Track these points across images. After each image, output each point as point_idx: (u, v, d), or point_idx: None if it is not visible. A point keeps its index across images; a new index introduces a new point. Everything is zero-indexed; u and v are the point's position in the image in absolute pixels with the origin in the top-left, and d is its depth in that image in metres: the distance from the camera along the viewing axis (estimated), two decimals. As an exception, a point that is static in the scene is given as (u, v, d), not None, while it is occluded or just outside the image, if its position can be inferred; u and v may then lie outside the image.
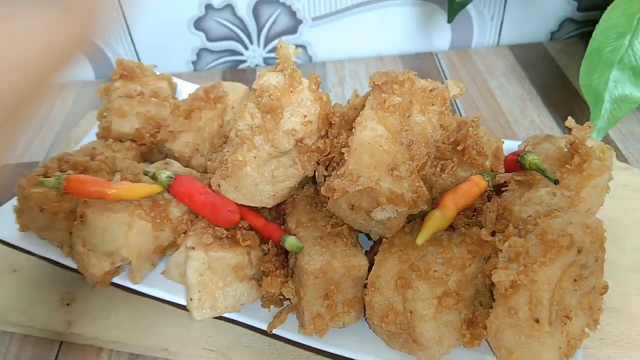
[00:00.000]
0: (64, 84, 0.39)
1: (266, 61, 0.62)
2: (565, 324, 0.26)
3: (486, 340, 0.27)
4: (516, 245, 0.26)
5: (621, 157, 0.47)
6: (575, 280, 0.26)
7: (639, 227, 0.39)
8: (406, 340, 0.28)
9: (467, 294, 0.27)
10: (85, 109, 0.58)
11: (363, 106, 0.31)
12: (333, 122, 0.32)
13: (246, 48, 0.61)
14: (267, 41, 0.60)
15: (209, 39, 0.60)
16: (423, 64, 0.61)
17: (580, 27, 0.62)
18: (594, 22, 0.48)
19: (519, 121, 0.51)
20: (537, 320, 0.24)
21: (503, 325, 0.26)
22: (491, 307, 0.26)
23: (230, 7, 0.57)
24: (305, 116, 0.30)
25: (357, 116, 0.31)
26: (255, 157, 0.30)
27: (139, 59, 0.61)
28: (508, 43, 0.63)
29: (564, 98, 0.53)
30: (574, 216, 0.27)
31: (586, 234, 0.26)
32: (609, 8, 0.46)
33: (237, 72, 0.62)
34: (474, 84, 0.57)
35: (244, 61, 0.62)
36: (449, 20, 0.53)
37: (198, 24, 0.59)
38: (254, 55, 0.62)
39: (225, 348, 0.34)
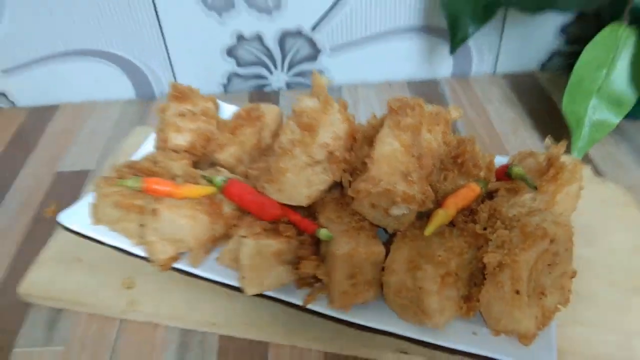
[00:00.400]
0: (110, 102, 0.47)
1: (288, 85, 0.70)
2: (540, 298, 0.33)
3: (479, 312, 0.34)
4: (502, 236, 0.33)
5: (599, 173, 0.54)
6: (549, 265, 0.33)
7: (611, 232, 0.46)
8: (415, 312, 0.35)
9: (464, 275, 0.34)
10: (128, 124, 0.66)
11: (381, 125, 0.39)
12: (357, 138, 0.39)
13: (271, 73, 0.69)
14: (290, 67, 0.68)
15: (239, 65, 0.68)
16: (427, 89, 0.68)
17: (567, 59, 0.70)
18: (578, 55, 0.55)
19: (511, 141, 0.59)
20: (517, 292, 0.31)
21: (492, 297, 0.32)
22: (483, 285, 0.33)
23: (259, 37, 0.65)
24: (335, 133, 0.38)
25: (375, 134, 0.39)
26: (294, 165, 0.38)
27: (175, 77, 0.69)
28: (503, 72, 0.71)
29: (551, 122, 0.60)
30: (548, 215, 0.34)
31: (557, 228, 0.33)
32: (589, 45, 0.54)
33: (262, 93, 0.70)
34: (473, 108, 0.65)
35: (268, 84, 0.70)
36: (451, 53, 0.61)
37: (230, 52, 0.66)
38: (277, 79, 0.69)
39: (263, 323, 0.41)
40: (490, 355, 0.33)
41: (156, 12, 0.62)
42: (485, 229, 0.35)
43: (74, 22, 0.63)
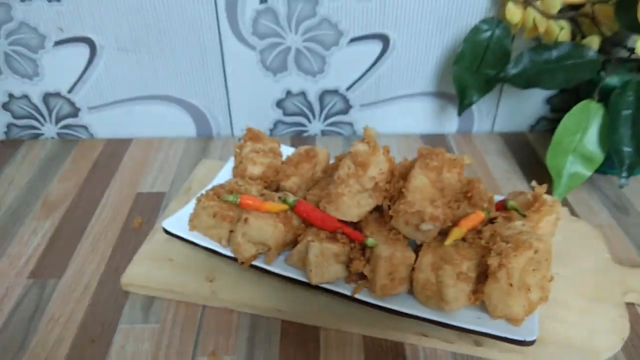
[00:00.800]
0: (175, 139, 0.62)
1: (323, 132, 0.84)
2: (527, 293, 0.46)
3: (483, 302, 0.47)
4: (501, 246, 0.46)
5: (574, 214, 0.68)
6: (533, 269, 0.46)
7: (581, 257, 0.59)
8: (436, 301, 0.47)
9: (473, 274, 0.47)
10: (191, 157, 0.79)
11: (412, 166, 0.52)
12: (394, 174, 0.53)
13: (310, 122, 0.83)
14: (326, 118, 0.83)
15: (285, 114, 0.83)
16: (437, 142, 0.83)
17: (551, 124, 0.85)
18: (559, 121, 0.68)
19: (505, 186, 0.72)
20: (510, 285, 0.44)
21: (492, 289, 0.45)
22: (486, 281, 0.46)
23: (303, 93, 0.80)
24: (380, 170, 0.52)
25: (407, 172, 0.53)
26: (349, 192, 0.51)
27: (232, 124, 0.84)
28: (499, 131, 0.84)
29: (536, 172, 0.74)
30: (533, 235, 0.47)
31: (540, 243, 0.46)
32: (567, 115, 0.67)
33: (301, 138, 0.84)
34: (474, 158, 0.79)
35: (306, 131, 0.85)
36: (459, 115, 0.75)
37: (279, 103, 0.81)
38: (314, 127, 0.84)
39: (316, 311, 0.53)
40: (490, 332, 0.46)
41: (224, 70, 0.77)
42: (487, 243, 0.49)
43: (155, 72, 0.77)
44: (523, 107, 0.82)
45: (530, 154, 0.79)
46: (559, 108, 0.82)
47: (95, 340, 0.51)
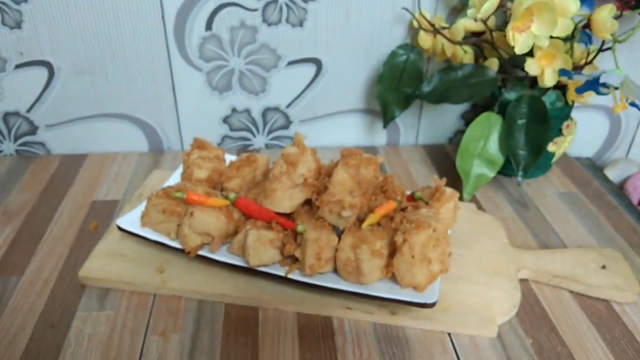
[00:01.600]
0: (128, 153, 0.71)
1: (267, 145, 0.93)
2: (428, 265, 0.55)
3: (394, 274, 0.56)
4: (405, 226, 0.55)
5: (481, 209, 0.79)
6: (433, 245, 0.56)
7: (483, 242, 0.67)
8: (356, 275, 0.56)
9: (385, 252, 0.56)
10: (144, 169, 0.86)
11: (336, 165, 0.62)
12: (321, 172, 0.62)
13: (254, 136, 0.92)
14: (269, 132, 0.92)
15: (231, 130, 0.91)
16: (368, 153, 0.93)
17: (467, 136, 0.96)
18: None
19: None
20: (413, 257, 0.53)
21: (399, 262, 0.54)
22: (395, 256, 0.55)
23: (247, 111, 0.89)
24: (308, 168, 0.60)
25: (332, 170, 0.62)
26: (282, 187, 0.60)
27: (182, 139, 0.91)
28: (422, 143, 0.95)
29: (451, 176, 0.84)
30: (433, 217, 0.57)
31: (438, 224, 0.55)
32: (471, 124, 0.77)
33: (247, 152, 0.92)
34: (400, 166, 0.89)
35: (251, 144, 0.93)
36: (384, 127, 0.86)
37: (225, 119, 0.90)
38: (259, 141, 0.92)
39: (256, 294, 0.60)
40: (399, 298, 0.54)
41: (174, 89, 0.85)
42: (397, 226, 0.58)
43: (109, 92, 0.85)
44: (442, 122, 0.93)
45: (448, 162, 0.90)
46: (471, 121, 0.93)
47: (55, 325, 0.57)
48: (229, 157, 0.74)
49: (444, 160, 0.90)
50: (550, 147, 0.82)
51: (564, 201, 0.81)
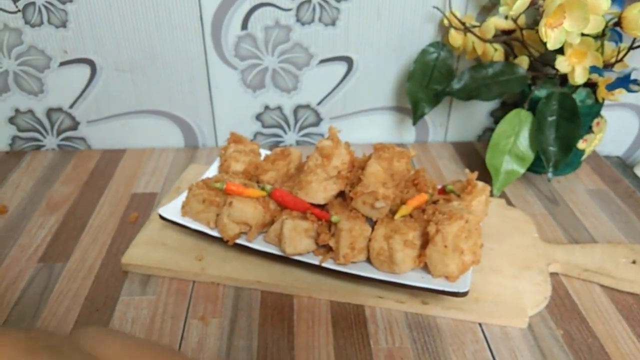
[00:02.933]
0: (165, 148, 0.74)
1: (297, 142, 0.95)
2: (460, 255, 0.57)
3: (426, 264, 0.58)
4: (438, 217, 0.57)
5: (510, 204, 0.79)
6: (466, 236, 0.57)
7: (513, 236, 0.69)
8: (389, 265, 0.57)
9: (417, 242, 0.58)
10: (180, 164, 0.89)
11: (369, 158, 0.64)
12: (354, 165, 0.64)
13: (285, 133, 0.94)
14: (300, 129, 0.94)
15: (263, 126, 0.93)
16: (398, 150, 0.94)
17: (496, 134, 0.97)
18: None
19: (455, 185, 0.84)
20: (445, 246, 0.55)
21: (432, 252, 0.56)
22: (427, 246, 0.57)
23: (279, 108, 0.92)
24: (342, 160, 0.62)
25: (365, 163, 0.64)
26: (317, 179, 0.62)
27: (216, 135, 0.94)
28: (451, 141, 0.97)
29: (480, 172, 0.85)
30: (465, 209, 0.58)
31: (470, 215, 0.57)
32: (502, 121, 0.79)
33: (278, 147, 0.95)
34: (429, 163, 0.90)
35: (282, 141, 0.95)
36: (414, 124, 0.87)
37: (258, 117, 0.92)
38: (290, 138, 0.95)
39: (291, 282, 0.62)
40: (432, 287, 0.56)
41: (209, 87, 0.88)
42: (429, 217, 0.59)
43: (149, 90, 0.88)
44: (470, 119, 0.94)
45: (477, 159, 0.91)
46: (500, 119, 0.94)
47: (99, 309, 0.60)
48: (263, 152, 0.76)
49: (473, 158, 0.91)
50: (580, 145, 0.82)
51: (593, 198, 0.81)
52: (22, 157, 0.90)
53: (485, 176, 0.78)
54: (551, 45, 0.68)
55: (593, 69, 0.71)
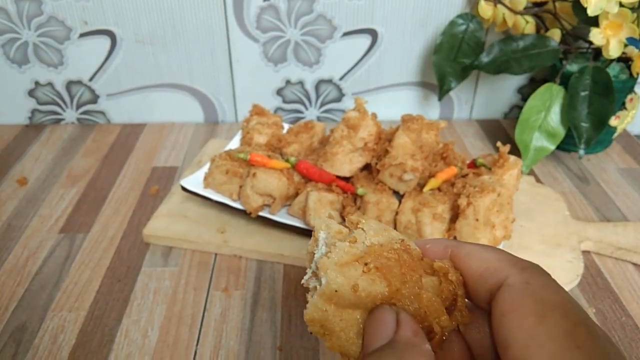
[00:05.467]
0: (185, 123, 0.72)
1: (318, 118, 0.94)
2: (492, 230, 0.55)
3: (454, 237, 0.56)
4: (469, 190, 0.55)
5: (539, 181, 0.77)
6: (497, 211, 0.55)
7: (543, 214, 0.67)
8: (416, 238, 0.56)
9: (446, 216, 0.56)
10: (200, 139, 0.88)
11: (396, 130, 0.62)
12: (381, 137, 0.62)
13: (306, 109, 0.93)
14: (321, 105, 0.92)
15: (284, 102, 0.92)
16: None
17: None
18: None
19: (481, 162, 0.82)
20: (477, 220, 0.53)
21: (462, 225, 0.54)
22: (457, 220, 0.55)
23: (301, 83, 0.90)
24: (369, 132, 0.61)
25: (392, 135, 0.62)
26: (342, 150, 0.60)
27: (236, 110, 0.92)
28: (476, 118, 0.95)
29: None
30: (497, 182, 0.56)
31: (502, 189, 0.55)
32: (532, 95, 0.77)
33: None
34: (455, 140, 0.88)
35: (303, 117, 0.94)
36: (439, 100, 0.85)
37: (279, 92, 0.91)
38: (311, 113, 0.93)
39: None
40: (461, 262, 0.54)
41: (230, 61, 0.87)
42: (459, 191, 0.58)
43: (169, 63, 0.87)
44: (497, 96, 0.92)
45: (504, 136, 0.88)
46: (528, 97, 0.91)
47: (121, 280, 0.59)
48: (286, 126, 0.75)
49: (499, 135, 0.89)
50: (613, 122, 0.79)
51: (624, 177, 0.78)
52: (41, 130, 0.90)
53: (514, 153, 0.76)
54: (591, 11, 0.65)
55: (630, 41, 0.68)
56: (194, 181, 0.65)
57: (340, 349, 0.26)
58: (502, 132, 0.90)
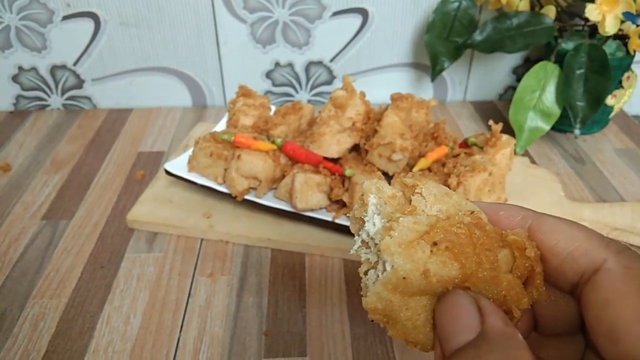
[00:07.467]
0: (172, 108, 0.69)
1: (309, 101, 0.92)
2: (483, 210, 0.53)
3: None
4: (459, 170, 0.53)
5: (534, 162, 0.75)
6: (489, 190, 0.54)
7: (538, 194, 0.65)
8: (406, 220, 0.54)
9: (436, 196, 0.55)
10: (188, 123, 0.86)
11: (385, 110, 0.60)
12: (370, 117, 0.60)
13: (297, 92, 0.91)
14: (312, 88, 0.90)
15: (274, 85, 0.90)
16: (414, 110, 0.90)
17: (518, 93, 0.92)
18: None
19: (475, 144, 0.80)
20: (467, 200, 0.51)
21: (453, 206, 0.53)
22: (448, 200, 0.53)
23: (290, 65, 0.88)
24: (357, 111, 0.59)
25: (381, 115, 0.60)
26: (330, 131, 0.58)
27: (224, 94, 0.91)
28: (470, 100, 0.93)
29: (502, 131, 0.82)
30: (489, 161, 0.55)
31: (494, 168, 0.53)
32: (527, 74, 0.75)
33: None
34: (448, 122, 0.86)
35: (294, 100, 0.92)
36: (432, 80, 0.83)
37: (268, 74, 0.88)
38: (301, 97, 0.91)
39: (302, 239, 0.60)
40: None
41: (217, 43, 0.84)
42: (450, 173, 0.56)
43: (155, 45, 0.84)
44: (491, 77, 0.90)
45: (498, 118, 0.87)
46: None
47: (104, 266, 0.58)
48: (273, 108, 0.73)
49: (494, 117, 0.87)
50: (609, 101, 0.77)
51: (621, 157, 0.76)
52: (26, 117, 0.88)
53: (508, 134, 0.74)
54: (585, -15, 0.63)
55: (626, 15, 0.66)
56: (178, 165, 0.63)
57: (405, 337, 0.24)
58: (496, 113, 0.88)
